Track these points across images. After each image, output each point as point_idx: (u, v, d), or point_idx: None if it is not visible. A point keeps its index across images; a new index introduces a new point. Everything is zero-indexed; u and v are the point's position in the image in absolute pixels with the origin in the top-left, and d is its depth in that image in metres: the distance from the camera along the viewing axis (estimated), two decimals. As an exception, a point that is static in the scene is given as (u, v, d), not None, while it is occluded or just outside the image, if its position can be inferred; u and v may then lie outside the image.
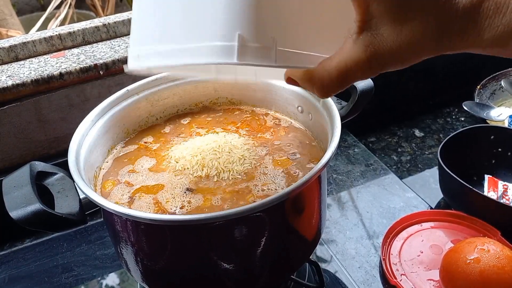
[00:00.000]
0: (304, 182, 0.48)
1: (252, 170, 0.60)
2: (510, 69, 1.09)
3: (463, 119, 1.10)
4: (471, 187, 0.72)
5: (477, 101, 1.03)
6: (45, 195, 0.53)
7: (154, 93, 0.70)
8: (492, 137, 0.85)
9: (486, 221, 0.72)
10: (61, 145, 0.88)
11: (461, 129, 0.84)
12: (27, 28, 1.75)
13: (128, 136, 0.69)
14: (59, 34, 0.87)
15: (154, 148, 0.66)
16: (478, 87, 1.06)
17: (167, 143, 0.67)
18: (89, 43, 0.89)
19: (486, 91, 1.06)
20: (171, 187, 0.58)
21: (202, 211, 0.54)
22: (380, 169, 0.90)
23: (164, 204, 0.56)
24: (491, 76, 1.07)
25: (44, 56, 0.86)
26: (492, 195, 0.81)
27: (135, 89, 0.68)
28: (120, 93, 0.66)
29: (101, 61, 0.82)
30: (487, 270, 0.59)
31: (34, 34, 0.88)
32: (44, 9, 1.82)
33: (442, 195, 0.84)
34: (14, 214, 0.48)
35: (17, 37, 0.88)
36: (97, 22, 0.90)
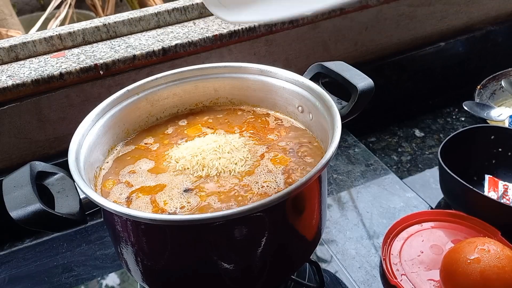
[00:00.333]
0: (304, 182, 0.48)
1: (252, 170, 0.60)
2: (510, 69, 1.09)
3: (463, 119, 1.10)
4: (471, 187, 0.72)
5: (477, 101, 1.03)
6: (45, 195, 0.53)
7: (154, 93, 0.70)
8: (492, 137, 0.85)
9: (487, 221, 0.72)
10: (61, 145, 0.88)
11: (461, 129, 0.84)
12: (27, 28, 1.75)
13: (129, 136, 0.69)
14: (59, 34, 0.87)
15: (154, 149, 0.66)
16: (478, 87, 1.05)
17: (168, 144, 0.67)
18: (89, 43, 0.89)
19: (486, 91, 1.06)
20: (170, 188, 0.58)
21: (202, 211, 0.54)
22: (380, 169, 0.90)
23: (163, 205, 0.56)
24: (491, 76, 1.07)
25: (44, 56, 0.86)
26: (493, 195, 0.81)
27: (135, 89, 0.68)
28: (120, 93, 0.66)
29: (101, 61, 0.82)
30: (488, 270, 0.59)
31: (34, 34, 0.88)
32: (44, 9, 1.82)
33: (442, 195, 0.84)
34: (14, 214, 0.48)
35: (17, 37, 0.88)
36: (97, 22, 0.90)
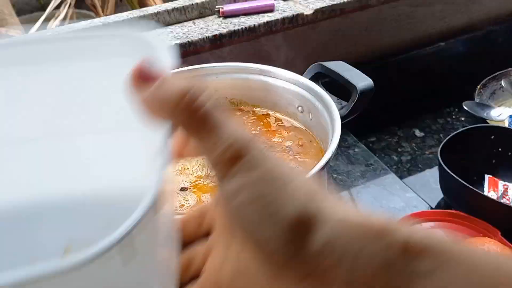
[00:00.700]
0: (304, 182, 0.48)
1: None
2: (510, 69, 1.09)
3: (463, 119, 1.10)
4: (472, 187, 0.72)
5: (478, 101, 1.03)
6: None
7: (154, 93, 0.69)
8: (493, 137, 0.85)
9: (486, 221, 0.72)
10: (61, 145, 0.88)
11: (461, 129, 0.84)
12: (27, 28, 1.75)
13: (128, 136, 0.69)
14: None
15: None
16: (478, 87, 1.05)
17: (167, 143, 0.67)
18: (89, 43, 0.89)
19: (487, 91, 1.06)
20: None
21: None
22: (380, 169, 0.90)
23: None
24: (492, 76, 1.07)
25: (44, 56, 0.86)
26: (493, 195, 0.81)
27: (135, 89, 0.68)
28: (120, 93, 0.66)
29: (101, 61, 0.82)
30: (488, 270, 0.59)
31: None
32: (44, 9, 1.82)
33: (442, 195, 0.83)
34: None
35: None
36: (97, 22, 0.90)
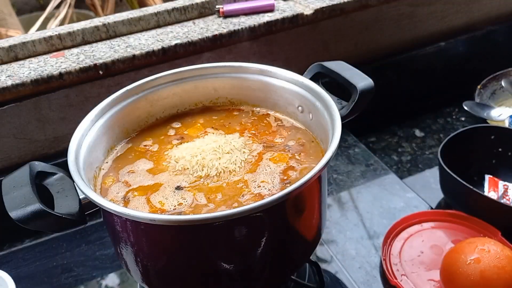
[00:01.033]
0: (304, 182, 0.48)
1: (253, 170, 0.60)
2: (511, 69, 1.09)
3: (464, 119, 1.10)
4: (472, 187, 0.72)
5: (478, 101, 1.03)
6: (45, 195, 0.53)
7: (154, 93, 0.70)
8: (493, 137, 0.85)
9: (487, 221, 0.72)
10: (61, 145, 0.88)
11: (462, 129, 0.84)
12: (27, 28, 1.75)
13: (128, 136, 0.69)
14: (59, 34, 0.87)
15: (154, 150, 0.66)
16: (479, 87, 1.05)
17: (167, 144, 0.67)
18: (89, 43, 0.89)
19: (487, 91, 1.06)
20: (166, 187, 0.58)
21: (198, 208, 0.54)
22: (380, 169, 0.90)
23: (160, 205, 0.56)
24: (492, 76, 1.07)
25: (44, 56, 0.86)
26: (493, 195, 0.81)
27: (135, 89, 0.68)
28: (120, 93, 0.66)
29: (101, 61, 0.82)
30: (488, 270, 0.59)
31: (34, 34, 0.88)
32: (44, 9, 1.82)
33: (443, 195, 0.83)
34: (14, 214, 0.48)
35: (17, 37, 0.87)
36: (97, 22, 0.90)
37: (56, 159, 0.84)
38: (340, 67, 0.65)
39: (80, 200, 0.52)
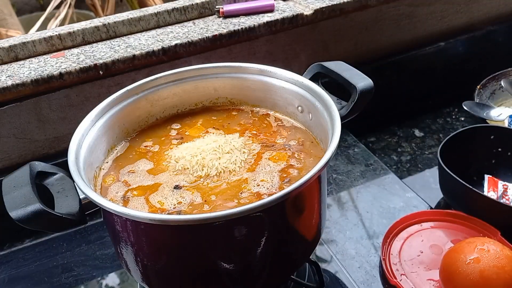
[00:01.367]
0: (304, 182, 0.48)
1: (252, 169, 0.60)
2: (510, 69, 1.09)
3: (463, 119, 1.10)
4: (471, 187, 0.72)
5: (477, 101, 1.03)
6: (45, 195, 0.53)
7: (154, 93, 0.70)
8: (492, 137, 0.85)
9: (486, 221, 0.72)
10: (61, 145, 0.88)
11: (461, 129, 0.84)
12: (27, 28, 1.75)
13: (128, 136, 0.69)
14: (59, 34, 0.87)
15: (155, 150, 0.66)
16: (478, 87, 1.05)
17: (167, 144, 0.67)
18: (89, 43, 0.89)
19: (486, 91, 1.06)
20: (165, 187, 0.59)
21: (196, 207, 0.54)
22: (380, 169, 0.90)
23: (159, 205, 0.56)
24: (491, 76, 1.07)
25: (44, 56, 0.86)
26: (492, 195, 0.81)
27: (135, 89, 0.68)
28: (120, 93, 0.66)
29: (101, 61, 0.82)
30: (487, 270, 0.59)
31: (34, 34, 0.88)
32: (44, 9, 1.82)
33: (442, 195, 0.84)
34: (14, 214, 0.48)
35: (17, 37, 0.88)
36: (97, 22, 0.90)
37: (56, 159, 0.84)
38: (340, 67, 0.65)
39: (80, 200, 0.52)
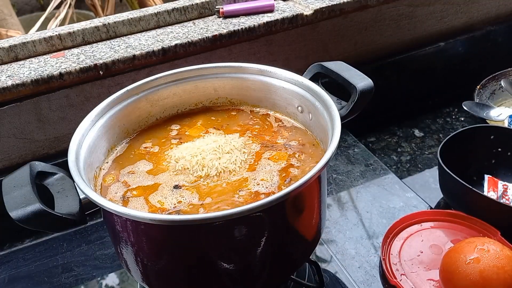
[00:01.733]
0: (304, 182, 0.48)
1: (252, 169, 0.60)
2: (510, 69, 1.09)
3: (463, 119, 1.10)
4: (471, 187, 0.72)
5: (477, 101, 1.03)
6: (45, 195, 0.53)
7: (154, 93, 0.70)
8: (492, 137, 0.85)
9: (486, 221, 0.72)
10: (61, 145, 0.88)
11: (461, 129, 0.84)
12: (27, 28, 1.75)
13: (129, 136, 0.69)
14: (59, 34, 0.87)
15: (155, 151, 0.66)
16: (478, 87, 1.06)
17: (167, 144, 0.67)
18: (89, 43, 0.89)
19: (486, 91, 1.06)
20: (164, 186, 0.59)
21: (198, 206, 0.54)
22: (380, 169, 0.90)
23: (159, 205, 0.56)
24: (491, 76, 1.07)
25: (44, 56, 0.86)
26: (492, 195, 0.81)
27: (135, 89, 0.68)
28: (120, 93, 0.66)
29: (101, 61, 0.82)
30: (487, 270, 0.59)
31: (34, 34, 0.88)
32: (44, 9, 1.82)
33: (442, 195, 0.84)
34: (14, 214, 0.48)
35: (17, 37, 0.88)
36: (97, 22, 0.90)
37: (57, 159, 0.84)
38: (340, 67, 0.66)
39: (80, 200, 0.52)
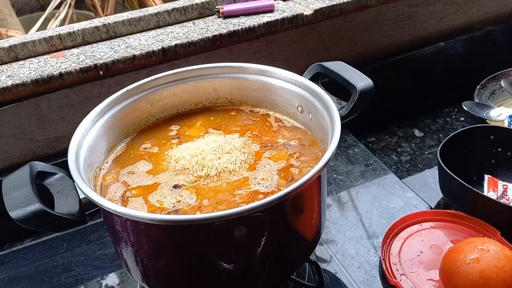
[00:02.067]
0: (304, 182, 0.48)
1: (252, 168, 0.60)
2: (510, 69, 1.09)
3: (463, 119, 1.10)
4: (471, 187, 0.72)
5: (477, 101, 1.03)
6: (45, 195, 0.53)
7: (154, 93, 0.70)
8: (492, 137, 0.85)
9: (486, 221, 0.72)
10: (61, 145, 0.88)
11: (461, 129, 0.84)
12: (27, 28, 1.75)
13: (129, 136, 0.69)
14: (59, 34, 0.87)
15: (155, 152, 0.66)
16: (478, 87, 1.06)
17: (167, 144, 0.67)
18: (89, 43, 0.89)
19: (486, 91, 1.06)
20: (164, 186, 0.59)
21: (197, 206, 0.54)
22: (380, 169, 0.90)
23: (159, 204, 0.56)
24: (491, 76, 1.07)
25: (44, 56, 0.86)
26: (492, 195, 0.81)
27: (135, 89, 0.68)
28: (120, 93, 0.66)
29: (101, 61, 0.82)
30: (487, 270, 0.59)
31: (34, 34, 0.88)
32: (44, 9, 1.82)
33: (442, 195, 0.84)
34: (14, 214, 0.48)
35: (17, 37, 0.88)
36: (97, 22, 0.90)
37: (56, 159, 0.84)
38: (340, 67, 0.66)
39: (80, 200, 0.52)
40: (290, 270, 0.62)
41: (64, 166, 0.55)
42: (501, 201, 0.79)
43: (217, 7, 0.95)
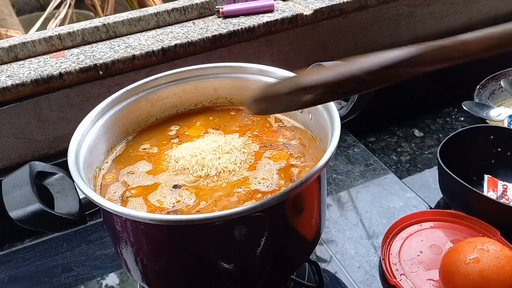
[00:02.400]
0: (304, 182, 0.48)
1: (252, 168, 0.60)
2: (510, 69, 1.09)
3: (463, 119, 1.10)
4: (471, 187, 0.72)
5: (477, 101, 1.03)
6: (45, 195, 0.53)
7: (154, 93, 0.70)
8: (492, 137, 0.85)
9: (486, 221, 0.72)
10: (61, 145, 0.88)
11: (461, 129, 0.84)
12: (27, 28, 1.75)
13: (128, 136, 0.69)
14: (59, 34, 0.87)
15: (155, 152, 0.66)
16: (478, 87, 1.06)
17: (167, 144, 0.67)
18: (89, 43, 0.89)
19: (486, 91, 1.06)
20: (164, 186, 0.59)
21: (196, 206, 0.54)
22: (380, 169, 0.90)
23: (158, 204, 0.56)
24: (491, 76, 1.07)
25: (44, 56, 0.86)
26: (492, 195, 0.81)
27: (135, 89, 0.68)
28: (120, 93, 0.66)
29: (101, 61, 0.82)
30: (487, 270, 0.59)
31: (34, 34, 0.88)
32: (44, 9, 1.82)
33: (442, 195, 0.84)
34: (14, 214, 0.48)
35: (17, 37, 0.88)
36: (97, 22, 0.90)
37: (56, 159, 0.84)
38: (340, 67, 0.65)
39: (80, 200, 0.52)
40: (290, 270, 0.62)
41: (64, 166, 0.55)
42: (501, 201, 0.79)
43: (217, 7, 0.95)
